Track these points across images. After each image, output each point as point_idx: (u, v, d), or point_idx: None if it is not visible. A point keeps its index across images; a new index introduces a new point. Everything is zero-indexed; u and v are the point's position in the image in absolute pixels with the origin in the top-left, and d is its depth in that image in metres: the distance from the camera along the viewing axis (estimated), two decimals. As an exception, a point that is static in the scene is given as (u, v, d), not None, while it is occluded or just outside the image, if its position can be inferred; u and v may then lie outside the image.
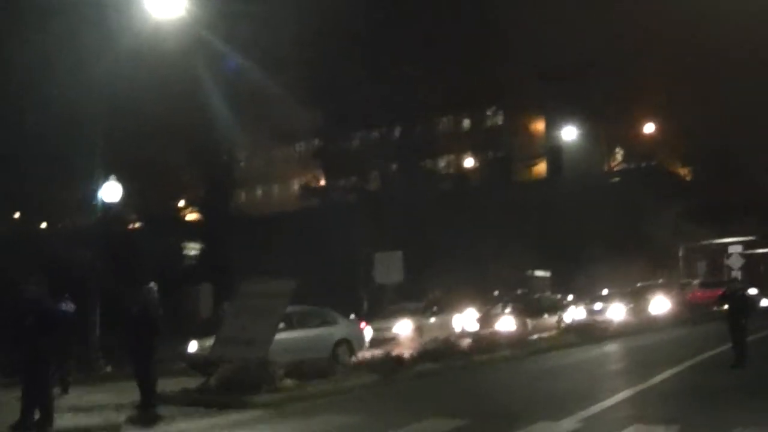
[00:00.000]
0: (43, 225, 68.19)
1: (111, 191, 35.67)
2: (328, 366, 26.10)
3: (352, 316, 38.06)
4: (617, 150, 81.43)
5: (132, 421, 18.19)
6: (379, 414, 18.64)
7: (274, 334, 22.97)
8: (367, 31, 62.86)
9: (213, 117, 60.17)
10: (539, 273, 66.70)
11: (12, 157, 49.27)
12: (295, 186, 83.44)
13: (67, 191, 61.93)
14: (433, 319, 40.87)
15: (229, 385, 21.90)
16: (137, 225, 68.47)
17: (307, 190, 75.00)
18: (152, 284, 20.98)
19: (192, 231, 69.81)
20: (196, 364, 29.68)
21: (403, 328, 38.64)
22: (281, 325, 25.37)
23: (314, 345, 29.51)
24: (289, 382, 22.45)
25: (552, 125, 72.99)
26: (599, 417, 16.73)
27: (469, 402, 20.36)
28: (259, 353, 22.23)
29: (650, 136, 73.95)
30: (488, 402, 20.04)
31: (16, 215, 66.61)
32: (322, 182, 74.70)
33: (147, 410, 19.35)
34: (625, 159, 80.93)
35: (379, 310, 43.49)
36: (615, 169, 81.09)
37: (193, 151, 62.93)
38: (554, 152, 56.37)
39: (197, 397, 21.67)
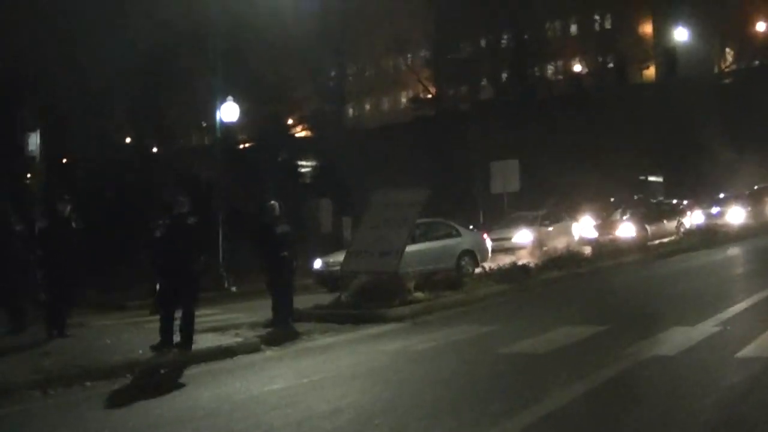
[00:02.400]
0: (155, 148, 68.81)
1: (229, 111, 36.13)
2: (457, 277, 26.36)
3: (471, 227, 38.19)
4: (728, 50, 79.75)
5: (270, 338, 18.29)
6: (514, 323, 18.81)
7: (406, 245, 23.13)
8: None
9: (322, 31, 60.29)
10: (652, 178, 66.05)
11: (128, 79, 49.83)
12: (404, 98, 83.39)
13: (180, 112, 62.69)
14: (551, 228, 40.69)
15: (362, 299, 22.20)
16: (250, 143, 68.92)
17: (419, 101, 74.86)
18: (273, 202, 21.21)
19: (304, 147, 70.13)
20: (323, 279, 30.16)
21: (523, 237, 38.58)
22: (406, 237, 25.46)
23: (439, 257, 29.80)
24: (420, 293, 22.71)
25: (661, 27, 71.68)
26: (736, 320, 16.64)
27: (600, 308, 20.38)
28: (392, 265, 22.41)
29: (762, 34, 72.29)
30: (620, 308, 20.04)
31: (128, 139, 67.36)
32: (431, 95, 74.39)
33: (284, 327, 19.65)
34: (737, 59, 79.24)
35: (497, 220, 43.44)
36: (727, 69, 79.51)
37: (303, 67, 62.98)
38: (668, 54, 55.37)
39: (331, 312, 21.98)
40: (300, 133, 74.93)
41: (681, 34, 57.66)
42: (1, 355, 16.07)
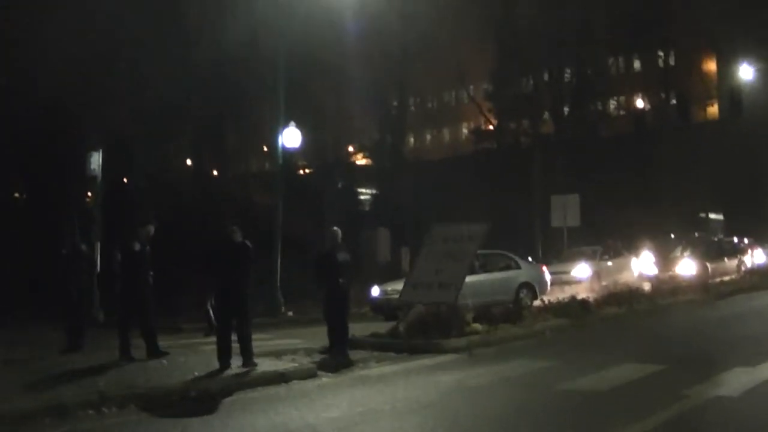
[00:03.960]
0: (215, 172, 69.11)
1: (291, 137, 36.24)
2: (515, 310, 26.12)
3: (530, 260, 38.05)
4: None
5: (326, 365, 18.22)
6: (572, 358, 18.56)
7: (464, 278, 23.01)
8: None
9: (384, 61, 60.42)
10: (713, 215, 65.60)
11: (190, 102, 50.15)
12: (465, 130, 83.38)
13: (241, 137, 62.99)
14: (610, 263, 40.46)
15: (419, 329, 22.07)
16: (309, 170, 69.09)
17: (479, 133, 74.81)
18: (335, 228, 21.22)
19: (364, 176, 70.22)
20: (380, 307, 30.10)
21: (581, 271, 38.35)
22: (466, 269, 25.34)
23: (498, 289, 29.68)
24: (478, 325, 22.55)
25: (725, 65, 71.17)
26: (799, 362, 16.37)
27: (660, 346, 20.15)
28: (451, 297, 22.28)
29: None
30: (680, 347, 19.78)
31: (188, 162, 67.73)
32: (492, 127, 74.26)
33: (339, 355, 19.58)
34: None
35: (556, 254, 43.25)
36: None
37: (364, 96, 63.08)
38: (732, 92, 54.93)
39: (388, 341, 21.88)
40: (360, 161, 75.01)
41: (745, 72, 57.22)
42: (58, 375, 16.14)
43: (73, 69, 39.10)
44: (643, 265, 41.69)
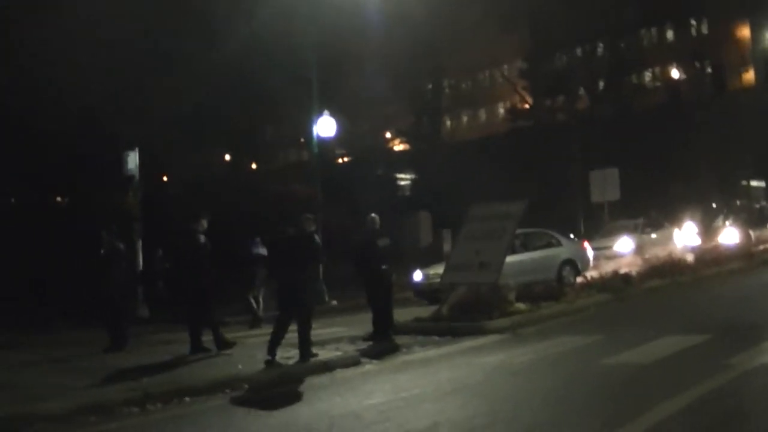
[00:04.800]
0: (253, 165, 69.27)
1: (326, 126, 36.29)
2: (558, 287, 26.13)
3: (572, 236, 37.91)
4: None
5: (369, 352, 18.29)
6: (616, 332, 18.52)
7: (505, 257, 22.95)
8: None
9: (418, 44, 60.32)
10: (754, 182, 65.09)
11: (225, 97, 50.33)
12: (501, 109, 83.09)
13: (277, 129, 63.16)
14: (652, 235, 40.21)
15: (462, 311, 22.06)
16: (347, 158, 69.19)
17: (515, 112, 74.52)
18: (373, 215, 21.20)
19: (402, 161, 70.23)
20: (423, 292, 30.12)
21: (623, 245, 38.15)
22: (506, 248, 25.26)
23: (540, 267, 29.54)
24: (520, 305, 22.52)
25: (758, 30, 70.59)
26: None
27: (705, 317, 19.98)
28: (492, 277, 22.24)
29: None
30: (724, 317, 19.59)
31: (227, 156, 67.97)
32: (527, 105, 73.97)
33: (383, 340, 19.64)
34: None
35: (597, 229, 43.07)
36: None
37: (399, 81, 63.05)
38: (766, 58, 54.47)
39: (431, 325, 21.89)
40: (397, 146, 75.00)
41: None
42: (102, 373, 16.27)
43: (109, 74, 39.39)
44: (685, 236, 41.44)
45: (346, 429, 11.36)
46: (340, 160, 67.88)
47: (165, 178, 51.30)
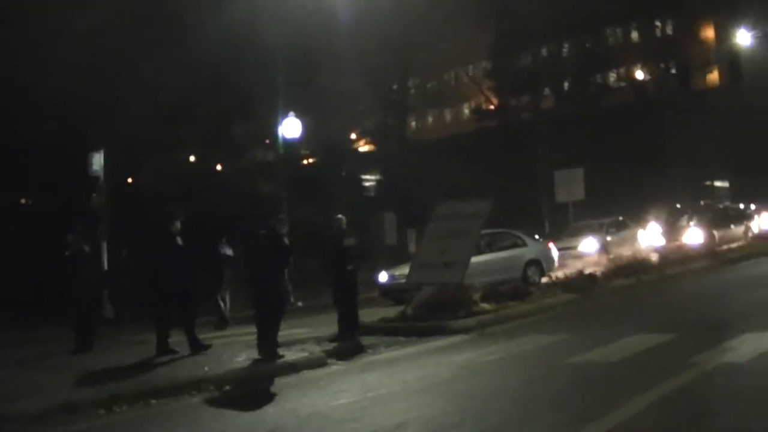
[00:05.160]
0: (219, 165, 69.00)
1: (291, 127, 36.30)
2: (523, 287, 26.22)
3: (537, 237, 38.03)
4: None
5: (336, 353, 18.26)
6: (582, 332, 18.61)
7: (471, 256, 23.03)
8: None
9: (383, 44, 60.37)
10: (718, 183, 65.54)
11: (186, 98, 50.10)
12: (467, 109, 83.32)
13: (244, 129, 62.91)
14: (617, 235, 40.43)
15: (428, 311, 22.11)
16: (312, 159, 69.06)
17: (480, 112, 74.73)
18: (340, 215, 21.19)
19: (367, 161, 70.26)
20: (389, 292, 30.15)
21: (588, 245, 38.35)
22: (472, 248, 25.30)
23: (505, 267, 29.64)
24: (486, 304, 22.59)
25: (723, 31, 70.99)
26: (810, 326, 16.33)
27: (669, 316, 20.10)
28: (457, 276, 22.30)
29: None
30: (689, 315, 19.72)
31: (192, 157, 67.70)
32: (493, 104, 74.21)
33: (349, 341, 19.61)
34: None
35: (562, 229, 43.22)
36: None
37: (366, 80, 63.06)
38: (731, 58, 54.78)
39: (397, 325, 21.95)
40: (363, 147, 75.03)
41: (743, 38, 57.10)
42: (68, 373, 16.24)
43: (75, 73, 39.18)
44: (650, 235, 41.68)
45: (315, 428, 11.37)
46: (306, 161, 67.70)
47: (130, 180, 51.00)
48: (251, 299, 18.60)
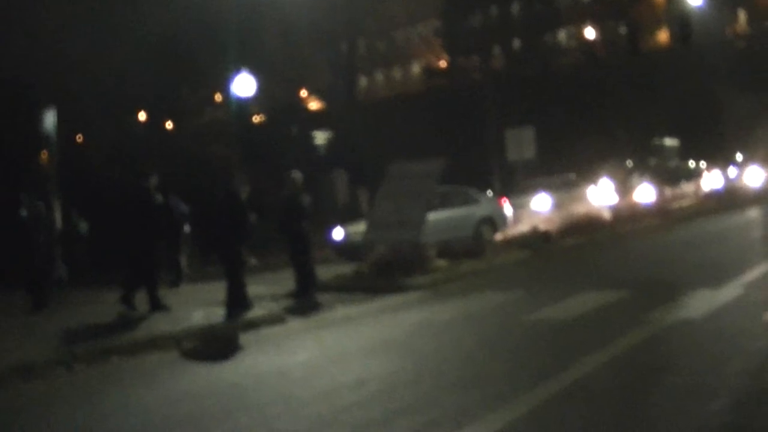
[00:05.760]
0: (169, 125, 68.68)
1: (244, 85, 35.98)
2: (477, 244, 26.36)
3: (490, 193, 38.08)
4: (740, 12, 79.29)
5: (293, 310, 18.28)
6: (536, 289, 18.74)
7: (425, 214, 23.11)
8: None
9: (332, 3, 60.12)
10: (668, 141, 65.87)
11: (137, 57, 49.70)
12: (416, 69, 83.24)
13: (193, 89, 62.63)
14: (569, 193, 40.50)
15: (383, 269, 22.16)
16: (263, 118, 68.88)
17: (430, 71, 74.75)
18: (296, 173, 21.09)
19: (317, 120, 70.10)
20: (344, 250, 30.12)
21: (541, 203, 38.43)
22: (425, 205, 25.32)
23: (458, 225, 29.54)
24: (441, 262, 22.70)
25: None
26: (760, 282, 16.48)
27: (622, 273, 20.25)
28: (412, 234, 22.39)
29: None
30: (642, 272, 19.94)
31: (142, 116, 67.30)
32: (443, 63, 74.25)
33: (306, 298, 19.61)
34: (749, 22, 78.80)
35: (512, 187, 43.32)
36: (739, 33, 79.05)
37: (314, 39, 62.87)
38: (681, 19, 55.00)
39: (353, 283, 22.01)
40: (312, 105, 74.90)
41: (693, -2, 57.39)
42: (25, 334, 16.18)
43: (26, 31, 38.74)
44: (601, 194, 41.86)
45: (273, 386, 11.40)
46: (255, 119, 67.49)
47: (80, 138, 50.67)
48: (217, 255, 18.65)
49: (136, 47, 46.82)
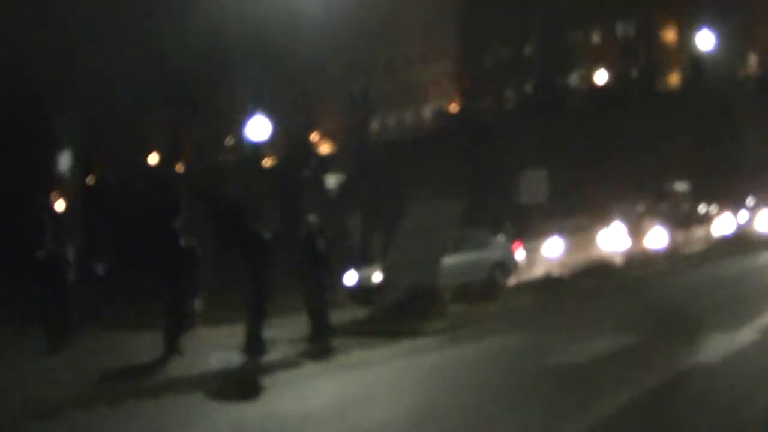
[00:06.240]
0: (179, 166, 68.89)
1: (259, 127, 36.10)
2: (492, 288, 26.39)
3: (502, 238, 38.14)
4: (751, 55, 79.50)
5: (308, 354, 18.31)
6: (552, 333, 18.80)
7: (442, 257, 23.20)
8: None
9: (347, 44, 60.45)
10: (679, 185, 65.93)
11: (147, 98, 49.97)
12: (429, 111, 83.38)
13: (207, 130, 62.89)
14: (581, 236, 40.59)
15: (399, 313, 22.17)
16: (276, 159, 69.03)
17: (443, 113, 74.88)
18: (312, 217, 21.21)
19: (331, 162, 70.22)
20: (358, 293, 30.15)
21: (553, 247, 38.50)
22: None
23: (472, 268, 29.59)
24: (456, 306, 22.76)
25: (685, 33, 71.51)
26: (775, 326, 16.57)
27: (637, 317, 20.23)
28: (429, 277, 22.45)
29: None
30: (656, 316, 19.92)
31: (154, 156, 67.51)
32: (454, 106, 74.42)
33: (321, 342, 19.63)
34: (761, 65, 78.99)
35: (527, 230, 43.37)
36: (751, 75, 79.22)
37: (328, 80, 63.22)
38: (693, 61, 55.36)
39: (368, 327, 21.96)
40: (326, 147, 75.10)
41: (706, 41, 57.57)
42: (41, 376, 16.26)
43: (43, 68, 39.01)
44: (614, 237, 41.89)
45: (298, 429, 11.49)
46: (270, 160, 67.69)
47: (95, 179, 50.89)
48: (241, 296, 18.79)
49: (151, 88, 47.10)
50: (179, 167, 68.50)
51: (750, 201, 54.75)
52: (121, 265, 26.43)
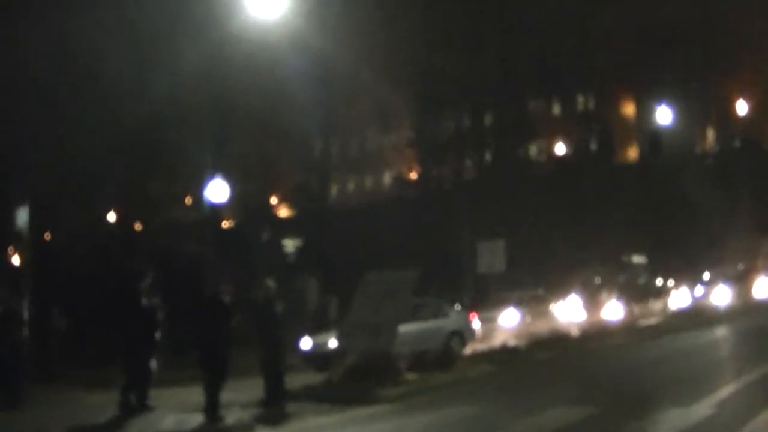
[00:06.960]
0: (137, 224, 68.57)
1: (217, 190, 36.03)
2: (448, 357, 26.33)
3: (458, 307, 38.13)
4: (708, 130, 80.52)
5: (262, 419, 18.26)
6: (505, 404, 18.78)
7: (398, 326, 23.15)
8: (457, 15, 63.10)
9: (306, 108, 60.61)
10: (636, 258, 66.35)
11: (105, 156, 49.76)
12: (387, 177, 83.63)
13: (164, 188, 62.60)
14: (537, 308, 40.75)
15: (353, 380, 22.14)
16: (231, 222, 68.86)
17: (402, 180, 75.12)
18: (269, 281, 21.16)
19: (288, 225, 70.13)
20: (312, 359, 30.03)
21: (508, 318, 38.57)
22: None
23: (428, 337, 29.51)
24: (412, 374, 22.69)
25: (643, 108, 72.30)
26: (730, 401, 16.62)
27: (592, 389, 20.18)
28: (386, 345, 22.41)
29: (743, 115, 72.64)
30: (611, 389, 19.87)
31: (112, 215, 67.15)
32: (414, 174, 74.64)
33: (276, 407, 19.51)
34: (718, 140, 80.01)
35: (482, 300, 43.43)
36: (709, 150, 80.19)
37: (287, 143, 63.39)
38: (651, 135, 55.88)
39: (323, 392, 21.88)
40: (284, 211, 75.08)
41: (664, 115, 58.15)
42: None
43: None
44: (570, 309, 42.03)
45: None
46: (225, 224, 67.48)
47: (49, 236, 50.47)
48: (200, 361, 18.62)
49: (106, 146, 46.87)
50: (137, 225, 68.31)
51: (706, 275, 55.10)
52: (78, 322, 26.11)
